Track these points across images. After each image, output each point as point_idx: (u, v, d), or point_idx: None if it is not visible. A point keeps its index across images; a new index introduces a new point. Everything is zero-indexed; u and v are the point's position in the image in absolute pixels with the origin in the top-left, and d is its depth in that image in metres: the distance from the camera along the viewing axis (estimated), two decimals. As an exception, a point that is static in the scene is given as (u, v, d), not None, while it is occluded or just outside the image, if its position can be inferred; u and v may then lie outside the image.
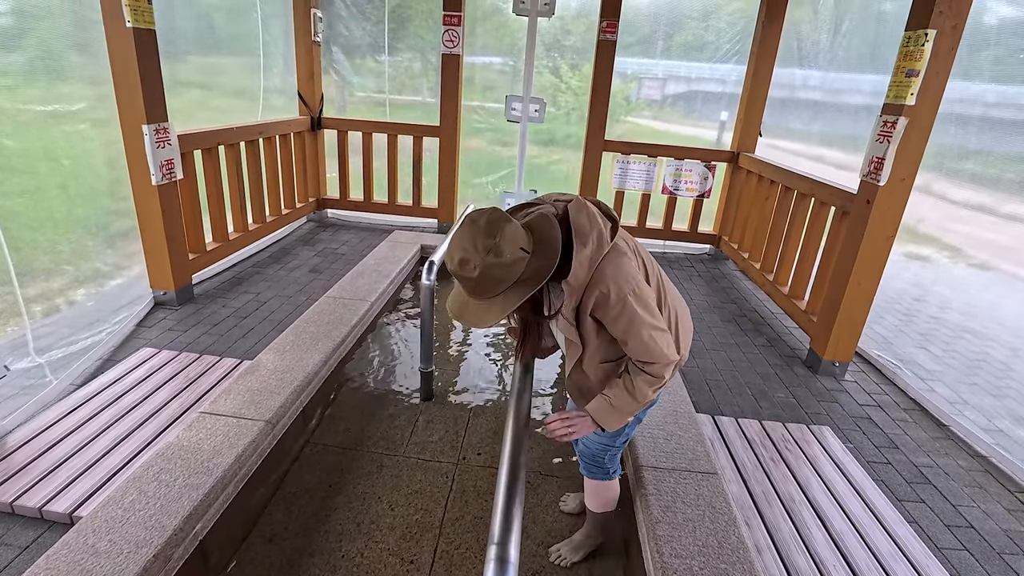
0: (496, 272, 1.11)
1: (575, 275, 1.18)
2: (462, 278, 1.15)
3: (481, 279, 1.12)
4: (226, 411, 2.00)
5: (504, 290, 1.15)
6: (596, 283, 1.19)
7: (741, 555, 1.54)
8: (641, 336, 1.22)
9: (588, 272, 1.18)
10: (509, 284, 1.14)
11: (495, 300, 1.16)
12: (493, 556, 0.99)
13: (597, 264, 1.18)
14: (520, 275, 1.14)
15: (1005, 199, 3.22)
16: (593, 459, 1.57)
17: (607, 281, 1.18)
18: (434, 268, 2.44)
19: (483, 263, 1.10)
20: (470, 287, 1.16)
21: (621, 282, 1.18)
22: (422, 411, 2.45)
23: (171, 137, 3.00)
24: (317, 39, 4.71)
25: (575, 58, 5.12)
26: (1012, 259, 3.37)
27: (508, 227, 1.12)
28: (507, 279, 1.13)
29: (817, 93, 4.47)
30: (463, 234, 1.12)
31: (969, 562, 1.79)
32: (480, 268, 1.10)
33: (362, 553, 1.74)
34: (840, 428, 2.46)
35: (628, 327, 1.21)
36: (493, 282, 1.13)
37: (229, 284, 3.51)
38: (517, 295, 1.15)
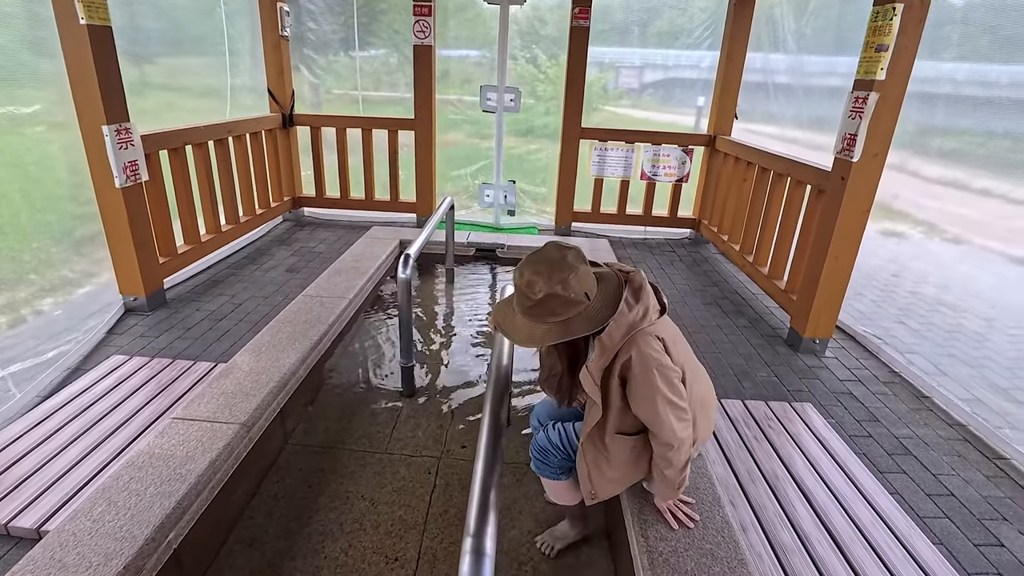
0: (556, 303, 1.20)
1: (610, 334, 1.25)
2: (524, 295, 1.23)
3: (541, 303, 1.20)
4: (199, 416, 1.94)
5: (556, 322, 1.22)
6: (627, 349, 1.25)
7: (726, 535, 1.54)
8: (656, 411, 1.26)
9: (623, 336, 1.25)
10: (562, 319, 1.21)
11: (544, 327, 1.23)
12: (469, 548, 0.97)
13: (633, 333, 1.24)
14: (575, 314, 1.22)
15: (977, 175, 3.26)
16: (542, 453, 1.56)
17: (637, 352, 1.24)
18: (410, 262, 2.40)
19: (549, 290, 1.19)
20: (527, 306, 1.23)
21: (648, 357, 1.24)
22: (404, 407, 2.42)
23: (134, 138, 2.91)
24: (285, 34, 4.61)
25: (553, 48, 5.08)
26: (984, 233, 3.43)
27: (583, 269, 1.23)
28: (562, 314, 1.21)
29: (791, 77, 4.48)
30: (542, 257, 1.22)
31: (951, 530, 1.81)
32: (545, 293, 1.19)
33: (346, 553, 1.71)
34: (822, 404, 2.48)
35: (645, 402, 1.27)
36: (549, 311, 1.21)
37: (203, 287, 3.43)
38: (564, 331, 1.22)
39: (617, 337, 1.25)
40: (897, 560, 1.62)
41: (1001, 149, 3.07)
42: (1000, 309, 3.51)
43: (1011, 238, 3.19)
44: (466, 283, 3.85)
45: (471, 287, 3.79)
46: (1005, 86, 2.97)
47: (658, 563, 1.43)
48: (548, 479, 1.60)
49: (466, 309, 3.44)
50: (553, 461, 1.55)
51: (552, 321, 1.22)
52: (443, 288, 3.78)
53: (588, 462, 1.43)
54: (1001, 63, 2.97)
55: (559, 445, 1.53)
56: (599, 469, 1.44)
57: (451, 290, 3.73)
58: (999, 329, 3.37)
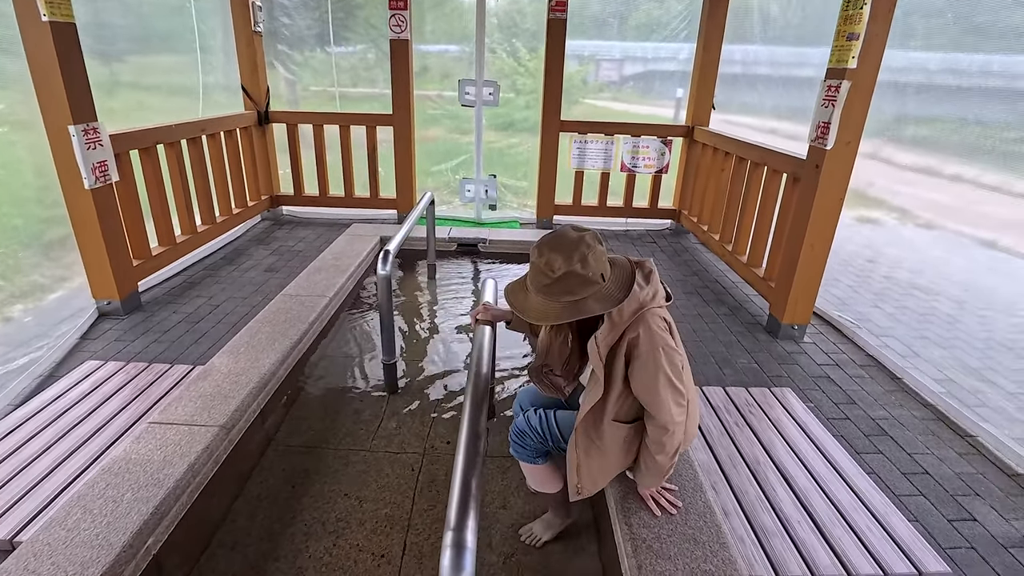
0: (574, 282, 1.23)
1: (620, 310, 1.28)
2: (542, 273, 1.25)
3: (559, 281, 1.23)
4: (177, 419, 1.91)
5: (571, 300, 1.24)
6: (635, 327, 1.28)
7: (708, 519, 1.56)
8: (658, 390, 1.29)
9: (633, 313, 1.28)
10: (577, 298, 1.24)
11: (558, 306, 1.25)
12: (450, 542, 0.97)
13: (643, 312, 1.28)
14: (590, 294, 1.24)
15: (948, 161, 3.34)
16: (520, 436, 1.58)
17: (646, 329, 1.28)
18: (390, 257, 2.38)
19: (568, 268, 1.22)
20: (544, 284, 1.25)
21: (656, 335, 1.28)
22: (387, 404, 2.40)
23: (102, 138, 2.83)
24: (258, 29, 4.52)
25: (532, 41, 5.06)
26: (956, 218, 3.52)
27: (600, 249, 1.27)
28: (578, 293, 1.23)
29: (768, 68, 4.53)
30: (560, 238, 1.25)
31: (926, 507, 1.86)
32: (563, 272, 1.22)
33: (330, 552, 1.70)
34: (801, 388, 2.52)
35: (647, 380, 1.29)
36: (566, 289, 1.23)
37: (180, 289, 3.36)
38: (578, 310, 1.24)
39: (627, 314, 1.28)
40: (875, 539, 1.65)
41: (971, 136, 3.14)
42: (971, 291, 3.61)
43: (981, 222, 3.28)
44: (448, 278, 3.83)
45: (453, 282, 3.77)
46: (975, 75, 3.04)
47: (641, 549, 1.45)
48: (526, 463, 1.61)
49: (449, 304, 3.42)
50: (530, 444, 1.56)
51: (567, 300, 1.24)
52: (425, 284, 3.76)
53: (579, 451, 1.43)
54: (971, 52, 3.04)
55: (537, 428, 1.55)
56: (589, 459, 1.44)
57: (433, 286, 3.72)
58: (970, 311, 3.46)
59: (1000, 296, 3.49)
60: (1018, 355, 2.93)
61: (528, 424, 1.56)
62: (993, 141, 3.00)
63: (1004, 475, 2.02)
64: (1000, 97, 2.89)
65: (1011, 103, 2.83)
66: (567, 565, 1.69)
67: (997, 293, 3.52)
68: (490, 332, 1.72)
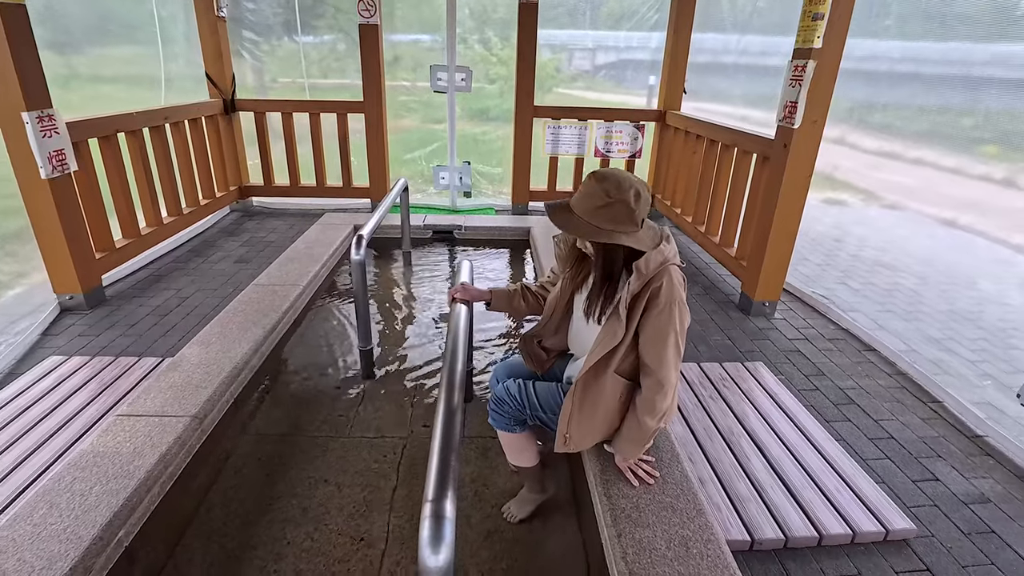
0: (621, 211, 1.31)
1: (647, 261, 1.33)
2: (594, 195, 1.32)
3: (608, 207, 1.31)
4: (146, 411, 1.86)
5: (610, 229, 1.32)
6: (659, 278, 1.34)
7: (685, 488, 1.59)
8: (666, 344, 1.35)
9: (657, 267, 1.34)
10: (614, 229, 1.32)
11: (592, 227, 1.33)
12: (428, 513, 0.96)
13: (667, 265, 1.35)
14: (628, 231, 1.33)
15: (910, 146, 3.44)
16: (498, 404, 1.60)
17: (668, 280, 1.34)
18: (363, 242, 2.35)
19: (621, 197, 1.30)
20: (594, 206, 1.32)
21: (674, 290, 1.34)
22: (365, 390, 2.38)
23: (59, 125, 2.72)
24: (222, 14, 4.38)
25: (505, 30, 5.02)
26: (918, 199, 3.63)
27: (648, 198, 1.36)
28: (620, 225, 1.32)
29: (740, 56, 4.59)
30: (619, 172, 1.35)
31: (891, 469, 1.93)
32: (616, 199, 1.30)
33: (311, 537, 1.68)
34: (772, 362, 2.58)
35: (659, 330, 1.35)
36: (611, 217, 1.31)
37: (146, 282, 3.27)
38: (611, 238, 1.32)
39: (652, 265, 1.34)
40: (845, 501, 1.71)
41: (932, 122, 3.25)
42: (933, 267, 3.74)
43: (941, 202, 3.39)
44: (424, 265, 3.81)
45: (429, 269, 3.74)
46: (936, 63, 3.13)
47: (620, 519, 1.47)
48: (504, 431, 1.63)
49: (425, 291, 3.40)
50: (508, 411, 1.58)
51: (608, 227, 1.31)
52: (401, 271, 3.72)
53: (576, 399, 1.45)
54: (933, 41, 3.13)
55: (516, 396, 1.57)
56: (582, 410, 1.46)
57: (409, 273, 3.69)
58: (932, 285, 3.59)
59: (959, 271, 3.62)
60: (977, 325, 3.05)
61: (507, 393, 1.58)
62: (952, 127, 3.10)
63: (964, 437, 2.11)
64: (958, 85, 2.98)
65: (968, 90, 2.92)
66: (548, 539, 1.71)
67: (957, 268, 3.65)
68: (466, 313, 1.71)
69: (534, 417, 1.58)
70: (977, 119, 2.92)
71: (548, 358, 1.69)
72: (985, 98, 2.79)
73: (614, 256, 1.39)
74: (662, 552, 1.38)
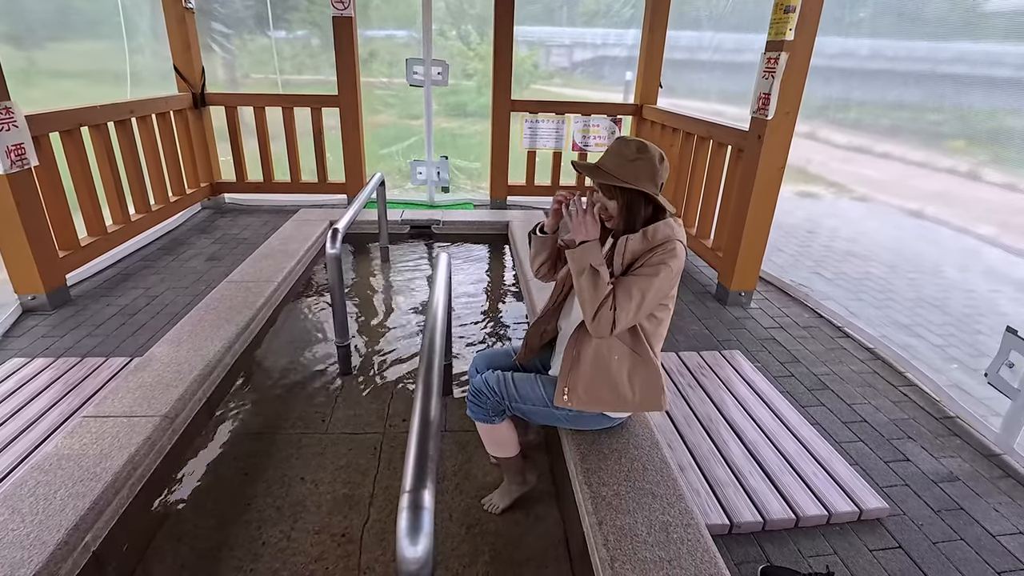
0: (645, 168, 1.39)
1: (656, 229, 1.41)
2: (623, 151, 1.41)
3: (635, 162, 1.39)
4: (114, 412, 1.80)
5: (630, 185, 1.38)
6: (662, 247, 1.39)
7: (664, 474, 1.60)
8: (637, 288, 1.37)
9: (665, 236, 1.40)
10: (635, 185, 1.38)
11: (617, 176, 1.39)
12: (406, 503, 0.94)
13: (673, 239, 1.41)
14: (647, 190, 1.39)
15: (878, 140, 3.54)
16: (477, 396, 1.59)
17: (669, 250, 1.39)
18: (339, 236, 2.31)
19: (647, 156, 1.39)
20: (623, 159, 1.40)
21: (674, 259, 1.39)
22: (343, 386, 2.34)
23: (17, 118, 2.61)
24: (189, 5, 4.25)
25: (483, 27, 5.00)
26: (886, 191, 3.73)
27: (667, 165, 1.44)
28: (639, 181, 1.38)
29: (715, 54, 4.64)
30: (649, 143, 1.43)
31: (864, 451, 1.97)
32: (643, 156, 1.39)
33: (288, 536, 1.64)
34: (749, 350, 2.62)
35: (644, 274, 1.38)
36: (635, 172, 1.39)
37: (114, 281, 3.16)
38: (631, 190, 1.39)
39: (659, 236, 1.40)
40: (820, 484, 1.74)
41: (899, 118, 3.34)
42: (901, 256, 3.83)
43: (909, 194, 3.49)
44: (402, 260, 3.77)
45: (407, 264, 3.71)
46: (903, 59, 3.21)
47: (601, 507, 1.47)
48: (483, 423, 1.61)
49: (403, 286, 3.37)
50: (487, 403, 1.57)
51: (630, 178, 1.38)
52: (378, 267, 3.68)
53: (572, 352, 1.49)
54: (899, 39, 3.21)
55: (495, 388, 1.56)
56: (579, 363, 1.48)
57: (387, 268, 3.64)
58: (900, 274, 3.68)
59: (926, 260, 3.72)
60: (943, 312, 3.14)
61: (486, 384, 1.58)
62: (919, 123, 3.19)
63: (933, 418, 2.17)
64: (924, 81, 3.07)
65: (933, 87, 3.00)
66: (530, 530, 1.71)
67: (923, 257, 3.76)
68: (444, 303, 1.68)
69: (513, 408, 1.58)
70: (943, 115, 3.00)
71: (539, 346, 1.69)
72: (950, 94, 2.87)
73: (636, 209, 1.43)
74: (643, 538, 1.39)
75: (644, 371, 1.48)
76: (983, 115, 2.78)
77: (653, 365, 1.49)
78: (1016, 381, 1.91)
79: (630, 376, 1.49)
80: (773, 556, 1.54)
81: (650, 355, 1.48)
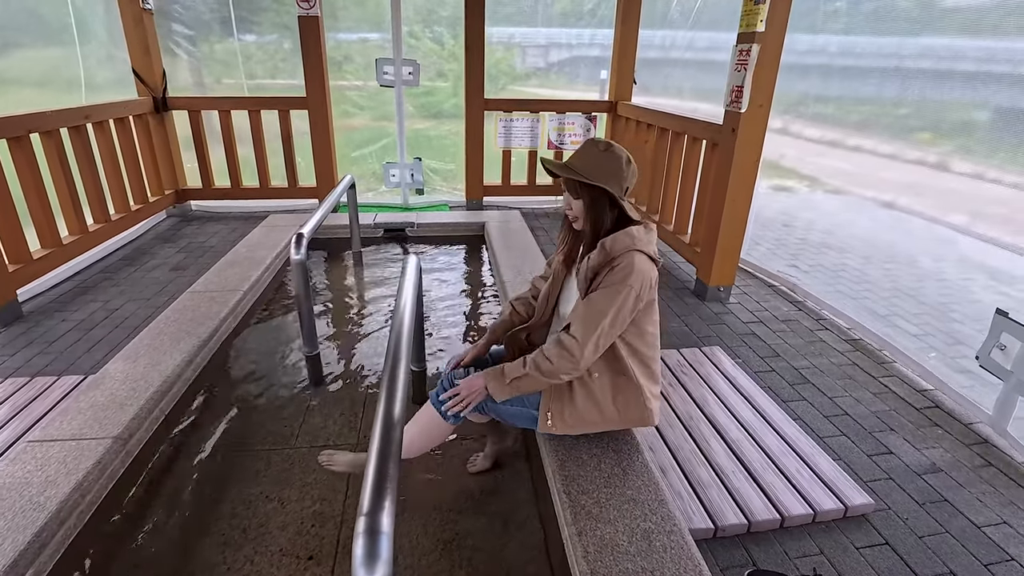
0: (611, 165, 1.36)
1: (615, 239, 1.36)
2: (590, 150, 1.39)
3: (602, 156, 1.37)
4: (61, 435, 1.69)
5: (593, 181, 1.35)
6: (622, 259, 1.34)
7: (646, 479, 1.54)
8: (596, 318, 1.33)
9: (624, 248, 1.35)
10: (598, 182, 1.35)
11: (581, 176, 1.36)
12: (362, 528, 0.86)
13: (634, 251, 1.34)
14: (612, 189, 1.36)
15: (849, 134, 3.57)
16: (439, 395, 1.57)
17: (629, 263, 1.33)
18: (303, 241, 2.21)
19: (614, 155, 1.37)
20: (588, 157, 1.38)
21: (635, 273, 1.33)
22: (312, 398, 2.25)
23: (-45, 126, 2.46)
24: (147, 6, 4.09)
25: (455, 28, 4.93)
26: (859, 183, 3.76)
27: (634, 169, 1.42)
28: (604, 177, 1.35)
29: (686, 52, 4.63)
30: (618, 144, 1.41)
31: (847, 445, 1.94)
32: (611, 155, 1.37)
33: (251, 560, 1.55)
34: (729, 346, 2.58)
35: (600, 300, 1.34)
36: (601, 168, 1.36)
37: (70, 295, 3.01)
38: (594, 187, 1.36)
39: (619, 245, 1.35)
40: (805, 481, 1.70)
41: (868, 112, 3.36)
42: (875, 247, 3.86)
43: (881, 186, 3.51)
44: (375, 265, 3.67)
45: (380, 269, 3.61)
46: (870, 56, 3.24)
47: (581, 516, 1.41)
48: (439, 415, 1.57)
49: (376, 292, 3.27)
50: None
51: (590, 179, 1.35)
52: (351, 273, 3.57)
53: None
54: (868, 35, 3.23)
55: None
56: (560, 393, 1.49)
57: (360, 274, 3.54)
58: (876, 264, 3.70)
59: (900, 250, 3.75)
60: (918, 301, 3.15)
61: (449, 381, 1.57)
62: (888, 117, 3.21)
63: (913, 409, 2.15)
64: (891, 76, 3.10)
65: (901, 81, 3.03)
66: (509, 544, 1.63)
67: (897, 248, 3.79)
68: (412, 307, 1.60)
69: (488, 408, 1.55)
70: (909, 108, 3.03)
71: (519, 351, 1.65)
72: (916, 87, 2.90)
73: (600, 208, 1.40)
74: (624, 548, 1.33)
75: (626, 389, 1.48)
76: (948, 107, 2.82)
77: (635, 383, 1.47)
78: (1008, 363, 1.90)
79: (613, 395, 1.49)
80: (759, 559, 1.50)
81: (632, 373, 1.46)
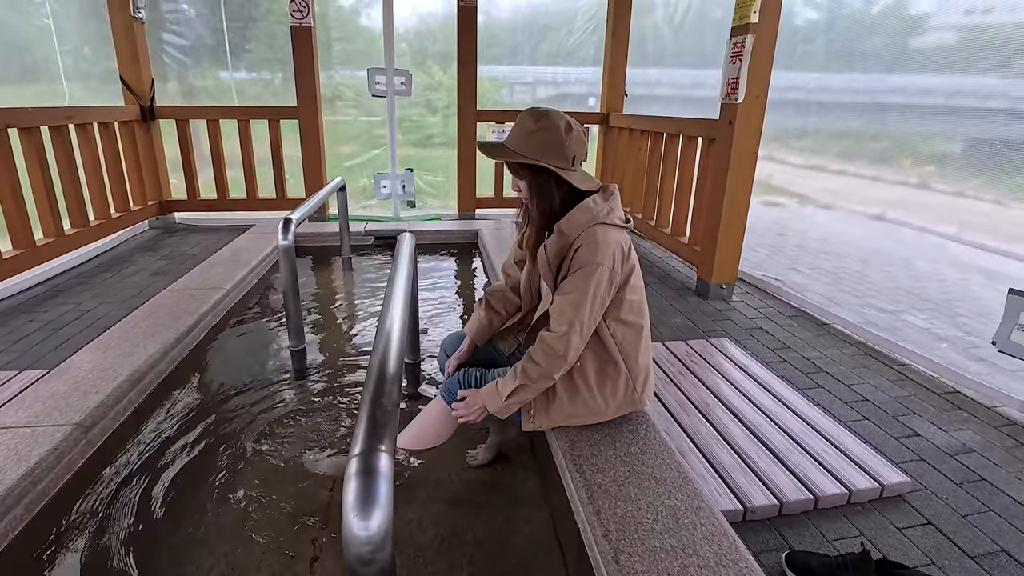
0: (549, 139, 1.23)
1: (570, 219, 1.25)
2: (524, 122, 1.25)
3: (538, 133, 1.23)
4: (15, 423, 1.52)
5: (529, 160, 1.24)
6: (583, 239, 1.24)
7: (666, 457, 1.41)
8: (575, 303, 1.23)
9: (583, 226, 1.24)
10: (538, 160, 1.23)
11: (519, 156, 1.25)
12: (355, 469, 0.72)
13: (594, 225, 1.24)
14: (555, 165, 1.24)
15: (831, 161, 3.68)
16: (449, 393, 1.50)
17: (592, 241, 1.23)
18: (291, 226, 2.11)
19: (550, 126, 1.23)
20: (526, 131, 1.25)
21: (600, 249, 1.22)
22: (296, 392, 2.09)
23: (-74, 115, 2.34)
24: (138, 15, 4.06)
25: (444, 62, 4.99)
26: (847, 199, 3.81)
27: (582, 140, 1.30)
28: (547, 152, 1.23)
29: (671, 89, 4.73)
30: (557, 111, 1.27)
31: (872, 428, 1.83)
32: (545, 126, 1.23)
33: (226, 559, 1.37)
34: (736, 339, 2.48)
35: (576, 286, 1.24)
36: (539, 143, 1.24)
37: (41, 297, 2.84)
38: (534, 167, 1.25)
39: (576, 225, 1.25)
40: (834, 460, 1.58)
41: (847, 146, 3.48)
42: (872, 254, 3.85)
43: (868, 201, 3.55)
44: (365, 270, 3.54)
45: (370, 274, 3.48)
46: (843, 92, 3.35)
47: (598, 495, 1.27)
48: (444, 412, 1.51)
49: (365, 294, 3.13)
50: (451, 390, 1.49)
51: (528, 157, 1.23)
52: (340, 277, 3.44)
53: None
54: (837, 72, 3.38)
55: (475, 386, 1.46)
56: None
57: (349, 277, 3.41)
58: (875, 267, 3.66)
59: (897, 256, 3.74)
60: (921, 298, 3.09)
61: (464, 385, 1.48)
62: (865, 150, 3.32)
63: (934, 394, 2.05)
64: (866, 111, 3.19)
65: (875, 116, 3.12)
66: (515, 536, 1.47)
67: (894, 254, 3.77)
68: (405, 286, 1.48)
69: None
70: (885, 143, 3.12)
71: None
72: (892, 121, 3.00)
73: (545, 189, 1.28)
74: (649, 526, 1.19)
75: (614, 374, 1.39)
76: (920, 139, 2.91)
77: (621, 367, 1.38)
78: (1030, 343, 1.81)
79: (599, 382, 1.39)
80: (794, 542, 1.35)
81: (618, 360, 1.37)
